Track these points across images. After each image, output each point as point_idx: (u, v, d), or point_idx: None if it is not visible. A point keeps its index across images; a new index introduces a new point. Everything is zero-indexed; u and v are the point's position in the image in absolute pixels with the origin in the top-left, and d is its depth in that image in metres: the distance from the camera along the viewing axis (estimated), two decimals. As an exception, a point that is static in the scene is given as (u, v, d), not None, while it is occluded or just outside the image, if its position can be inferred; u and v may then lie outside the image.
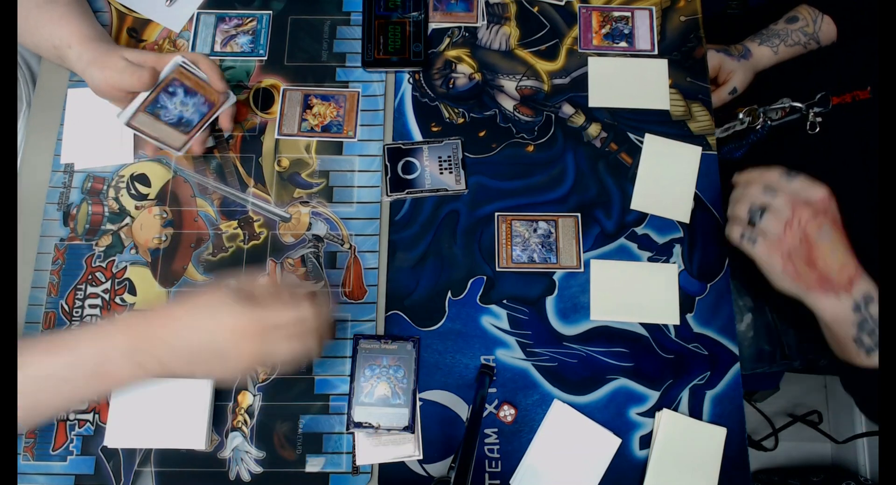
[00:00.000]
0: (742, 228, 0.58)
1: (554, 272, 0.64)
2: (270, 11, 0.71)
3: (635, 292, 0.63)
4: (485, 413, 0.60)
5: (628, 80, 0.69)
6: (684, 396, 0.61)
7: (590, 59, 0.70)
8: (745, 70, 0.81)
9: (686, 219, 0.65)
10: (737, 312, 0.63)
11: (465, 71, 0.70)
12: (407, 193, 0.65)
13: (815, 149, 0.73)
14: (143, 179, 0.65)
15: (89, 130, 0.67)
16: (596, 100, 0.69)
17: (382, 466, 0.58)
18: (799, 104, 0.74)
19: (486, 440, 0.59)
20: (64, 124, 0.67)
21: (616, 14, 0.72)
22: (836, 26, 0.80)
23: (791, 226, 0.56)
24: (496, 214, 0.65)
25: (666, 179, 0.66)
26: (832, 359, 0.61)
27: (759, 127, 0.78)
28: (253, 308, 0.49)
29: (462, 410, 0.60)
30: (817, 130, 0.72)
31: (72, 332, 0.50)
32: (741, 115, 0.77)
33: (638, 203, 0.66)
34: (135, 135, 0.64)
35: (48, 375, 0.48)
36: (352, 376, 0.59)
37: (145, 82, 0.59)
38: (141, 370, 0.49)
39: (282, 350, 0.50)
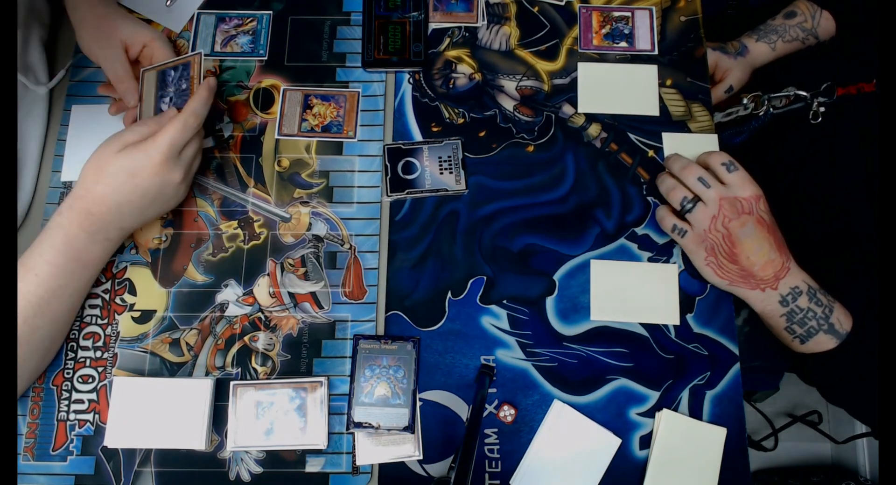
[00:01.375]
0: (674, 219, 0.61)
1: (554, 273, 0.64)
2: (270, 11, 0.71)
3: (635, 293, 0.63)
4: (485, 413, 0.60)
5: (618, 86, 0.69)
6: (684, 396, 0.61)
7: (580, 64, 0.70)
8: (741, 68, 0.81)
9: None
10: (734, 306, 0.63)
11: (465, 71, 0.70)
12: (407, 194, 0.65)
13: (817, 139, 0.73)
14: (143, 179, 0.65)
15: (94, 147, 0.65)
16: (585, 105, 0.69)
17: (382, 466, 0.58)
18: (804, 93, 0.74)
19: (486, 440, 0.59)
20: (67, 140, 0.66)
21: (616, 14, 0.72)
22: (835, 21, 0.80)
23: (716, 221, 0.58)
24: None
25: None
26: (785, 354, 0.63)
27: (761, 114, 0.78)
28: (149, 142, 0.55)
29: (462, 410, 0.60)
30: (819, 119, 0.72)
31: (38, 251, 0.54)
32: (745, 101, 0.78)
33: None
34: None
35: (49, 290, 0.53)
36: (352, 376, 0.59)
37: (125, 93, 0.63)
38: (109, 242, 0.57)
39: (191, 155, 0.58)
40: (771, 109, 0.77)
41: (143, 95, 0.63)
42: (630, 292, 0.63)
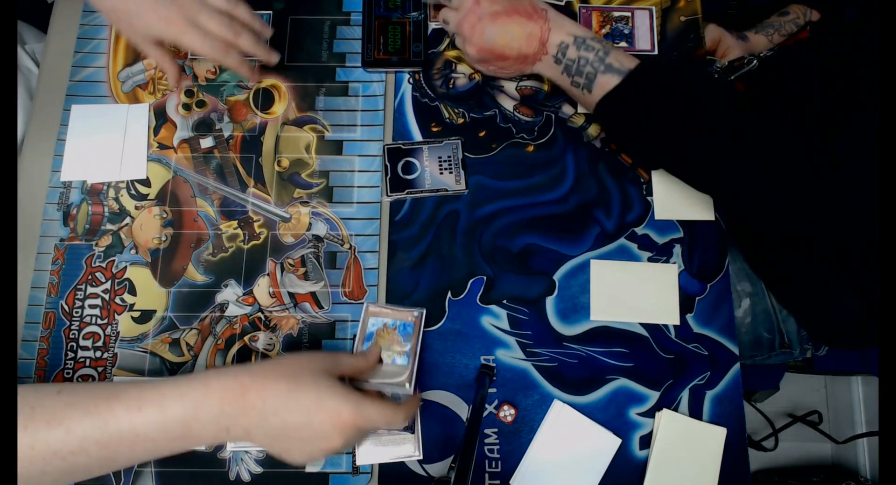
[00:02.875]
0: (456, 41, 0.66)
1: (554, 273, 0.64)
2: (271, 11, 0.71)
3: (635, 292, 0.63)
4: (485, 413, 0.60)
5: None
6: (684, 396, 0.61)
7: None
8: (741, 50, 0.85)
9: (711, 215, 0.65)
10: (735, 298, 0.64)
11: (465, 71, 0.70)
12: (407, 194, 0.65)
13: (765, 88, 0.77)
14: (143, 180, 0.65)
15: (93, 147, 0.66)
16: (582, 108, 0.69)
17: (382, 466, 0.58)
18: (752, 56, 0.79)
19: (486, 440, 0.59)
20: (66, 140, 0.66)
21: (616, 14, 0.72)
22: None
23: (466, 45, 0.63)
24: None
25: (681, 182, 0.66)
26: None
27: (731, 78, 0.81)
28: (359, 403, 0.48)
29: (462, 410, 0.60)
30: (754, 65, 0.78)
31: (160, 388, 0.47)
32: (717, 65, 0.81)
33: (661, 213, 0.65)
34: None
35: (132, 431, 0.45)
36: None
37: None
38: (225, 435, 0.47)
39: (361, 436, 0.51)
40: (728, 77, 0.81)
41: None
42: (630, 292, 0.63)
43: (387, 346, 0.59)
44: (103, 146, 0.66)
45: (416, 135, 0.68)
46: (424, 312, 0.61)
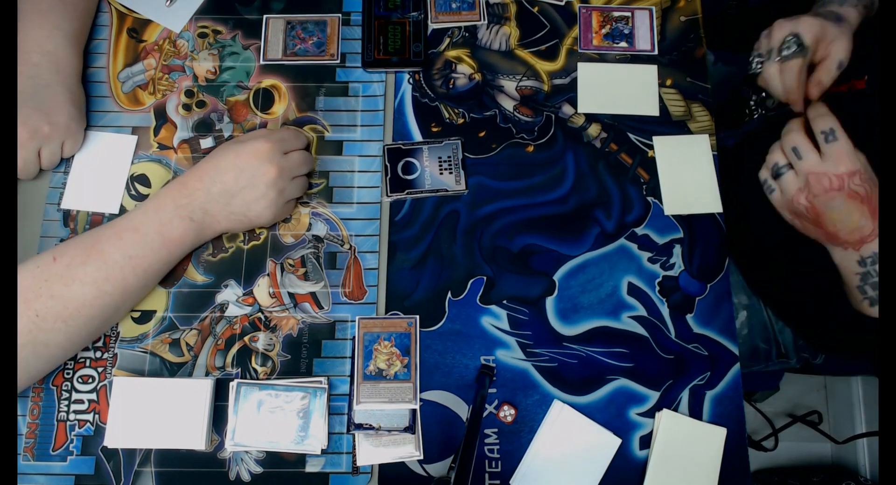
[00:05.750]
0: (768, 173, 0.60)
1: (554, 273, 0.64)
2: (271, 12, 0.71)
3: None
4: (485, 413, 0.60)
5: (618, 86, 0.69)
6: (684, 396, 0.61)
7: (579, 64, 0.70)
8: (847, 36, 0.68)
9: (719, 208, 0.65)
10: (734, 307, 0.64)
11: (465, 71, 0.70)
12: (407, 194, 0.65)
13: (810, 137, 0.72)
14: (143, 180, 0.65)
15: (94, 176, 0.65)
16: (585, 106, 0.69)
17: (382, 466, 0.58)
18: None
19: (486, 440, 0.59)
20: (71, 168, 0.65)
21: (616, 14, 0.72)
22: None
23: (801, 194, 0.57)
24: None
25: (686, 175, 0.66)
26: (838, 320, 0.62)
27: (756, 116, 0.78)
28: (267, 132, 0.59)
29: (462, 410, 0.60)
30: None
31: (129, 215, 0.56)
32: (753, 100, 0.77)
33: (670, 208, 0.66)
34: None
35: (125, 256, 0.54)
36: (352, 368, 0.59)
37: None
38: (191, 223, 0.57)
39: (295, 162, 0.60)
40: (763, 112, 0.77)
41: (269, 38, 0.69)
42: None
43: (388, 362, 0.59)
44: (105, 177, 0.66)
45: (416, 135, 0.68)
46: (418, 319, 0.61)
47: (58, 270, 0.53)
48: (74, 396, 0.59)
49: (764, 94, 0.75)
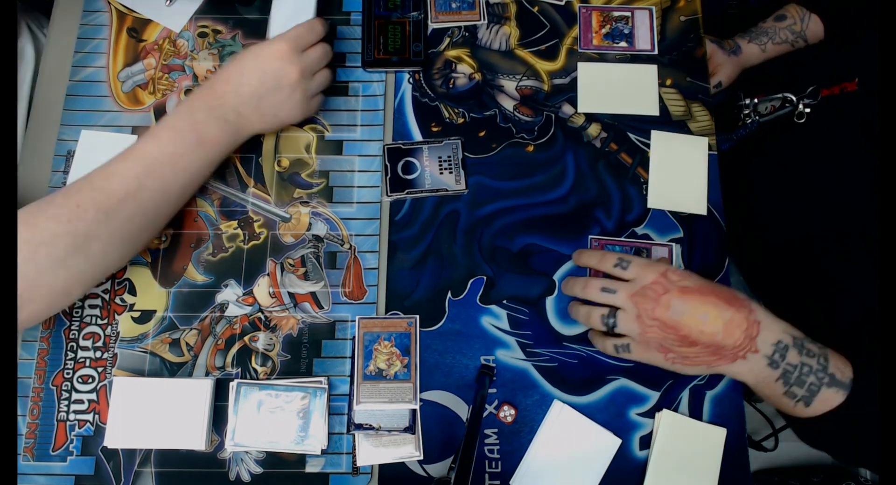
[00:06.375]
0: (611, 340, 0.56)
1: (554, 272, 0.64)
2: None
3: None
4: (485, 413, 0.60)
5: (618, 86, 0.69)
6: (684, 396, 0.61)
7: (580, 64, 0.70)
8: (732, 66, 0.83)
9: (703, 211, 0.65)
10: None
11: (465, 71, 0.70)
12: (407, 193, 0.65)
13: (803, 141, 0.73)
14: (143, 179, 0.65)
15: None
16: (585, 105, 0.69)
17: (382, 466, 0.58)
18: (792, 96, 0.74)
19: (486, 440, 0.59)
20: (72, 167, 0.65)
21: (616, 14, 0.72)
22: (824, 24, 0.81)
23: (642, 319, 0.52)
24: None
25: (677, 173, 0.66)
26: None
27: (749, 121, 0.78)
28: (285, 39, 0.59)
29: (462, 410, 0.60)
30: (804, 119, 0.73)
31: (163, 119, 0.57)
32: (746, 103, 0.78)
33: (654, 201, 0.66)
34: None
35: (164, 154, 0.55)
36: (352, 371, 0.59)
37: None
38: (226, 124, 0.58)
39: (314, 59, 0.61)
40: (758, 118, 0.78)
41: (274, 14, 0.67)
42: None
43: (388, 362, 0.59)
44: None
45: (416, 135, 0.68)
46: (418, 319, 0.61)
47: (98, 167, 0.54)
48: (74, 396, 0.59)
49: (757, 100, 0.76)
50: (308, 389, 0.58)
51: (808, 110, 0.72)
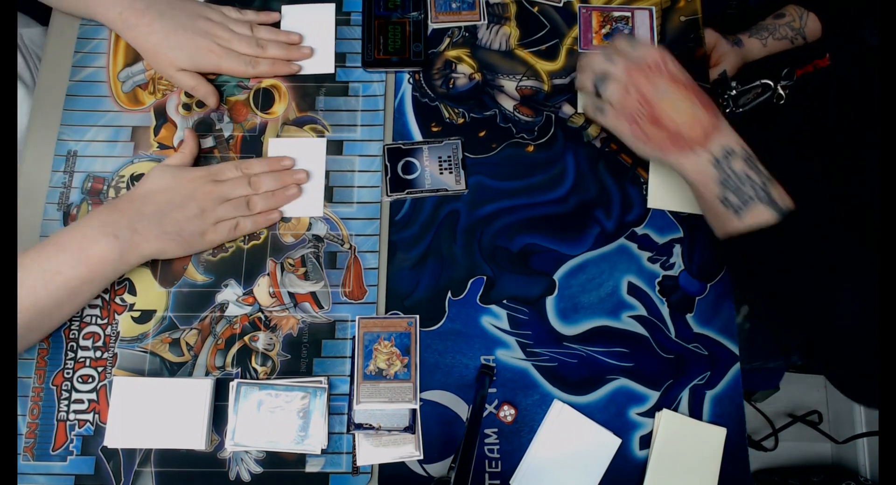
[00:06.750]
0: (592, 101, 0.61)
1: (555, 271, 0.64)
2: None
3: None
4: (485, 413, 0.60)
5: None
6: (684, 396, 0.61)
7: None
8: (736, 56, 0.84)
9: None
10: (734, 303, 0.64)
11: (465, 71, 0.70)
12: (407, 193, 0.65)
13: (786, 120, 0.75)
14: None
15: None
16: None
17: (382, 466, 0.58)
18: (769, 81, 0.77)
19: (486, 440, 0.59)
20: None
21: (616, 14, 0.72)
22: (821, 22, 0.83)
23: (629, 90, 0.57)
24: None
25: (676, 175, 0.66)
26: (718, 246, 0.60)
27: (728, 111, 0.80)
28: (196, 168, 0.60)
29: (462, 410, 0.60)
30: (783, 101, 0.74)
31: (56, 231, 0.56)
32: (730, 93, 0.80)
33: (654, 201, 0.66)
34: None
35: (40, 269, 0.52)
36: (352, 368, 0.59)
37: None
38: (116, 241, 0.55)
39: (231, 191, 0.60)
40: (739, 109, 0.79)
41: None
42: None
43: (388, 362, 0.59)
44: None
45: (416, 135, 0.68)
46: (418, 319, 0.61)
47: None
48: (74, 395, 0.59)
49: (735, 91, 0.78)
50: (308, 388, 0.58)
51: (786, 92, 0.74)
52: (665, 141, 0.56)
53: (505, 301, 0.63)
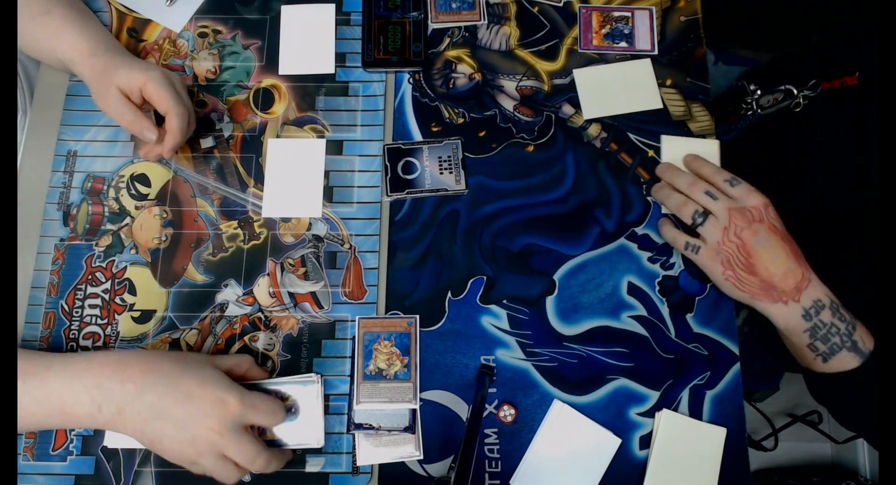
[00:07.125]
0: (685, 236, 0.61)
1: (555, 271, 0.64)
2: (268, 16, 0.71)
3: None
4: (485, 413, 0.60)
5: (617, 86, 0.69)
6: (684, 396, 0.61)
7: (575, 71, 0.70)
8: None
9: None
10: (735, 306, 0.64)
11: (465, 71, 0.70)
12: (407, 193, 0.65)
13: (805, 134, 0.74)
14: (143, 179, 0.66)
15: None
16: (589, 111, 0.69)
17: (382, 466, 0.58)
18: (793, 88, 0.75)
19: (486, 440, 0.59)
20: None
21: (616, 14, 0.72)
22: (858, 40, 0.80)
23: (728, 232, 0.58)
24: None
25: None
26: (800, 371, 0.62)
27: (750, 113, 0.79)
28: (244, 391, 0.50)
29: (462, 410, 0.60)
30: (799, 108, 0.73)
31: (49, 362, 0.51)
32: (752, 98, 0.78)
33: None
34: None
35: (20, 393, 0.49)
36: (352, 369, 0.59)
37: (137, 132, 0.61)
38: (98, 412, 0.49)
39: (238, 447, 0.49)
40: (759, 110, 0.78)
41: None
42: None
43: (388, 362, 0.59)
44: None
45: (416, 135, 0.68)
46: (418, 319, 0.61)
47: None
48: (74, 395, 0.59)
49: (759, 91, 0.76)
50: (299, 383, 0.58)
51: (805, 102, 0.73)
52: (757, 290, 0.57)
53: (505, 301, 0.63)
